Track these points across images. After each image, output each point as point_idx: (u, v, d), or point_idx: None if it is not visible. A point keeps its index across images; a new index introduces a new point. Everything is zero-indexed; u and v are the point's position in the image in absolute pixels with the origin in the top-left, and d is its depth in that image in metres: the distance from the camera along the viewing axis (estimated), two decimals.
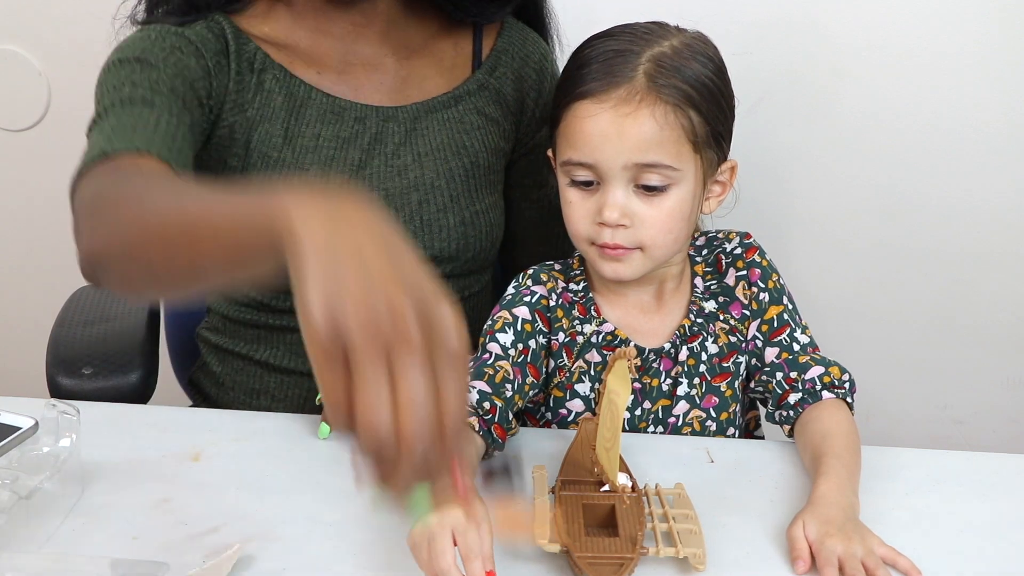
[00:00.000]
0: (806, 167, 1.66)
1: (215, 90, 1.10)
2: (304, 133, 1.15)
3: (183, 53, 1.08)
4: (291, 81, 1.15)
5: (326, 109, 1.16)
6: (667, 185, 0.99)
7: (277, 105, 1.14)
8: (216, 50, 1.11)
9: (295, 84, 1.15)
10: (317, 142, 1.15)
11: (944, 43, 1.57)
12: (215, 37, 1.12)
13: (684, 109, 0.97)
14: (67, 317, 1.37)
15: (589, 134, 0.98)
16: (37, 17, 1.80)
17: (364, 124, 1.17)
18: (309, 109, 1.15)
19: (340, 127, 1.16)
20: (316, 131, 1.15)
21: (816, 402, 1.04)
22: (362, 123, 1.17)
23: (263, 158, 1.13)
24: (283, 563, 0.86)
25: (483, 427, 0.99)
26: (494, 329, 1.06)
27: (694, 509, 0.90)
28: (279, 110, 1.14)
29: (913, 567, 0.85)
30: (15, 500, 0.86)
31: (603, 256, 1.02)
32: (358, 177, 1.16)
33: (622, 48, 0.99)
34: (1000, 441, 1.79)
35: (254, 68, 1.13)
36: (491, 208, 1.22)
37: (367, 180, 1.16)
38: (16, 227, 1.95)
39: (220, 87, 1.11)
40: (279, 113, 1.14)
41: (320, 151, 1.15)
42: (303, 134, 1.15)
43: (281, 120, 1.14)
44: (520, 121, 1.25)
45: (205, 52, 1.10)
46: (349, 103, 1.17)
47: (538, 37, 1.27)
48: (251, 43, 1.14)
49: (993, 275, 1.70)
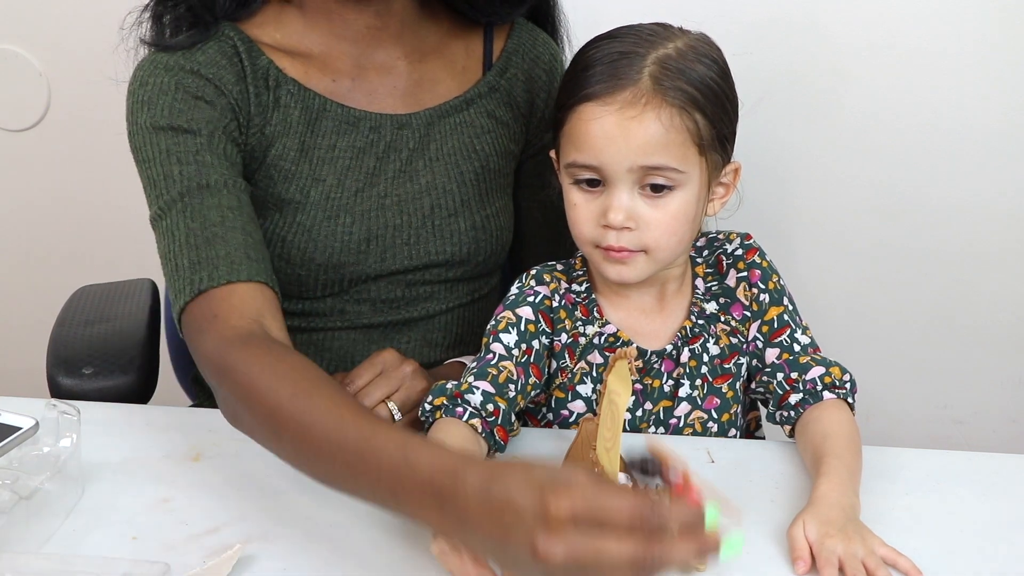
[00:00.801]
0: (806, 167, 1.66)
1: (242, 121, 1.11)
2: (320, 145, 1.14)
3: (207, 102, 1.08)
4: (306, 94, 1.14)
5: (341, 120, 1.15)
6: (672, 187, 0.99)
7: (294, 119, 1.13)
8: (234, 76, 1.10)
9: (310, 97, 1.14)
10: (333, 153, 1.15)
11: (944, 43, 1.57)
12: (228, 60, 1.11)
13: (689, 111, 0.97)
14: (67, 317, 1.37)
15: (594, 136, 0.98)
16: (37, 17, 1.80)
17: (379, 133, 1.16)
18: (325, 121, 1.14)
19: (355, 137, 1.15)
20: (332, 142, 1.15)
21: (817, 402, 1.04)
22: (377, 132, 1.16)
23: (280, 172, 1.13)
24: (283, 563, 0.86)
25: (486, 429, 0.99)
26: (497, 329, 1.06)
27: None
28: (296, 124, 1.13)
29: (914, 567, 0.85)
30: (15, 500, 0.86)
31: (607, 259, 1.02)
32: (372, 184, 1.15)
33: (626, 50, 0.99)
34: (1000, 441, 1.79)
35: (269, 85, 1.12)
36: (501, 211, 1.22)
37: (381, 186, 1.16)
38: (16, 227, 1.95)
39: (245, 115, 1.11)
40: (296, 127, 1.13)
41: (336, 161, 1.14)
42: (319, 146, 1.14)
43: (298, 134, 1.13)
44: (530, 123, 1.25)
45: (224, 86, 1.09)
46: (364, 113, 1.16)
47: (548, 38, 1.27)
48: (263, 57, 1.13)
49: (993, 275, 1.70)
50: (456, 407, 0.99)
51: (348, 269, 1.15)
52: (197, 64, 1.09)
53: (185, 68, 1.09)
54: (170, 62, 1.09)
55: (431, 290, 1.20)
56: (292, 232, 1.13)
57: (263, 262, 1.03)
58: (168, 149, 1.06)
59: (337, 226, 1.13)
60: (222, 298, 0.99)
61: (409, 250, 1.16)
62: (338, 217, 1.13)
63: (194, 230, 1.02)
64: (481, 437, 0.98)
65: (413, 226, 1.16)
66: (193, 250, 1.02)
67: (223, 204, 1.04)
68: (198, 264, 1.01)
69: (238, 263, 1.01)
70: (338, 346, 1.19)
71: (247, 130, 1.11)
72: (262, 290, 1.01)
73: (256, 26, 1.15)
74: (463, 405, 0.99)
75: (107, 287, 1.49)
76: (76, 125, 1.84)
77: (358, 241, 1.14)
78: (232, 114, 1.10)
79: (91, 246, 1.93)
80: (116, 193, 1.75)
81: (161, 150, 1.06)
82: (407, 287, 1.18)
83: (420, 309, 1.20)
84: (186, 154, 1.06)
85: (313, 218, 1.13)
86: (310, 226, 1.13)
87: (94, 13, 1.76)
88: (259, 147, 1.12)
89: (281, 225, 1.13)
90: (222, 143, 1.08)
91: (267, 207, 1.13)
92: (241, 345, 0.94)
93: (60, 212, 1.92)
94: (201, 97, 1.08)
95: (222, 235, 1.02)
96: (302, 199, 1.13)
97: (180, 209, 1.04)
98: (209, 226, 1.03)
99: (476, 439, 0.98)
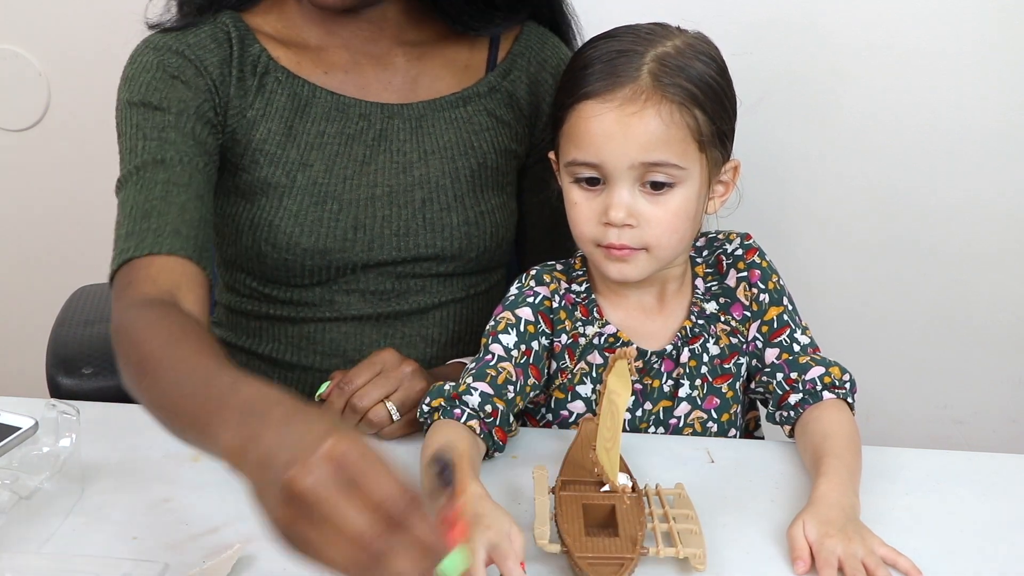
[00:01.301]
0: (806, 167, 1.66)
1: (219, 103, 1.13)
2: (309, 131, 1.15)
3: (182, 82, 1.11)
4: (295, 82, 1.16)
5: (331, 107, 1.16)
6: (673, 184, 0.99)
7: (280, 105, 1.15)
8: (218, 59, 1.13)
9: (299, 84, 1.16)
10: (322, 139, 1.16)
11: (944, 43, 1.57)
12: (217, 44, 1.13)
13: (689, 108, 0.97)
14: (67, 317, 1.37)
15: (594, 134, 0.98)
16: (37, 17, 1.80)
17: (369, 121, 1.17)
18: (313, 107, 1.16)
19: (345, 124, 1.17)
20: (321, 128, 1.16)
21: (817, 402, 1.04)
22: (367, 120, 1.17)
23: (266, 156, 1.14)
24: (283, 563, 0.86)
25: (484, 430, 0.99)
26: (497, 330, 1.06)
27: (694, 509, 0.90)
28: (281, 109, 1.15)
29: (914, 567, 0.85)
30: (15, 500, 0.86)
31: (609, 257, 1.02)
32: (362, 173, 1.16)
33: (625, 48, 0.99)
34: (1000, 441, 1.79)
35: (256, 71, 1.15)
36: (497, 209, 1.22)
37: (371, 176, 1.16)
38: (16, 227, 1.95)
39: (223, 97, 1.13)
40: (281, 112, 1.15)
41: (325, 148, 1.15)
42: (307, 131, 1.15)
43: (284, 119, 1.15)
44: (535, 125, 1.25)
45: (205, 67, 1.12)
46: (354, 100, 1.17)
47: (559, 42, 1.27)
48: (256, 44, 1.15)
49: (993, 275, 1.70)
50: (454, 409, 0.99)
51: (335, 256, 1.15)
52: (185, 45, 1.13)
53: (172, 48, 1.12)
54: (160, 42, 1.13)
55: (422, 284, 1.20)
56: (279, 216, 1.14)
57: (193, 239, 1.05)
58: (138, 124, 1.10)
59: (324, 212, 1.14)
60: (140, 267, 1.02)
61: (398, 241, 1.17)
62: (325, 203, 1.14)
63: (138, 202, 1.06)
64: (479, 438, 0.99)
65: (403, 218, 1.17)
66: (132, 222, 1.05)
67: (171, 180, 1.07)
68: (131, 235, 1.04)
69: (164, 236, 1.03)
70: (329, 339, 1.19)
71: (225, 112, 1.14)
72: (183, 264, 1.03)
73: (259, 15, 1.18)
74: (461, 406, 0.99)
75: (106, 287, 1.48)
76: (76, 125, 1.84)
77: (344, 228, 1.15)
78: (208, 95, 1.12)
79: (91, 246, 1.92)
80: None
81: (132, 124, 1.10)
82: (397, 279, 1.19)
83: (411, 302, 1.20)
84: (152, 130, 1.09)
85: (300, 203, 1.14)
86: (296, 211, 1.14)
87: (94, 13, 1.76)
88: (241, 130, 1.14)
89: (268, 209, 1.14)
90: (191, 123, 1.10)
91: (254, 191, 1.15)
92: (139, 307, 0.97)
93: (60, 212, 1.92)
94: (178, 77, 1.11)
95: (159, 208, 1.05)
96: (288, 183, 1.14)
97: (134, 182, 1.07)
98: (151, 199, 1.05)
99: (474, 440, 0.98)
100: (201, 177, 1.09)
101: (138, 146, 1.09)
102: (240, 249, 1.18)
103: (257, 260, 1.17)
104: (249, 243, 1.16)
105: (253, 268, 1.18)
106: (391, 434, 1.05)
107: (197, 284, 1.04)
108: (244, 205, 1.16)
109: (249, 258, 1.17)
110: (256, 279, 1.20)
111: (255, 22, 1.17)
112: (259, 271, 1.18)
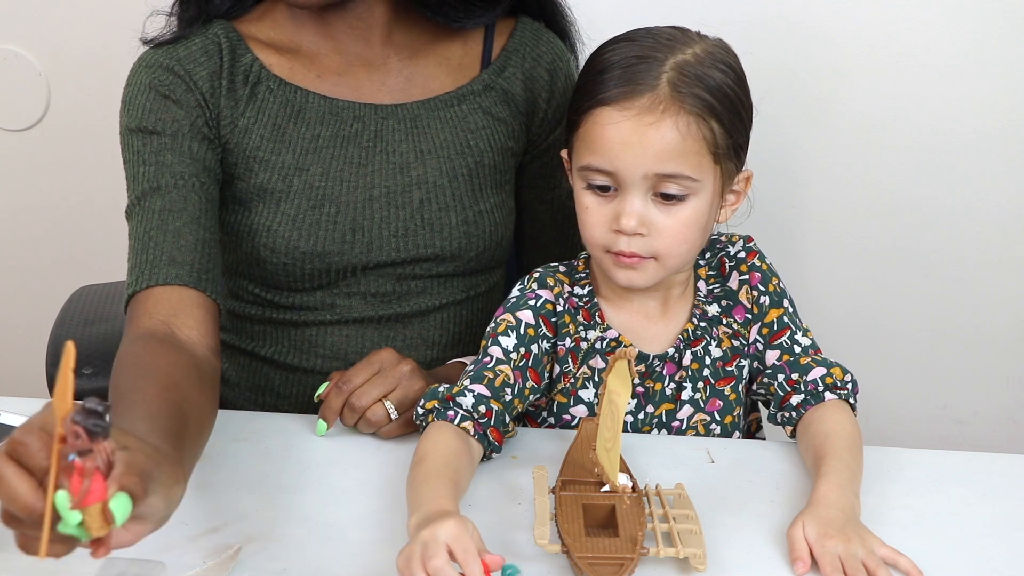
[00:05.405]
0: (806, 167, 1.66)
1: (211, 115, 1.14)
2: (303, 135, 1.15)
3: (174, 101, 1.12)
4: (287, 89, 1.16)
5: (324, 111, 1.16)
6: (686, 195, 0.99)
7: (271, 112, 1.15)
8: (208, 71, 1.13)
9: (291, 91, 1.16)
10: (317, 143, 1.16)
11: (944, 43, 1.56)
12: (207, 56, 1.14)
13: (706, 120, 0.97)
14: (67, 317, 1.37)
15: (610, 141, 0.97)
16: (37, 17, 1.80)
17: (364, 122, 1.17)
18: (306, 112, 1.16)
19: (339, 126, 1.16)
20: (315, 132, 1.16)
21: (818, 403, 1.04)
22: (361, 122, 1.17)
23: (260, 162, 1.14)
24: (283, 563, 0.86)
25: (478, 431, 0.99)
26: (496, 332, 1.05)
27: (695, 509, 0.90)
28: (274, 116, 1.15)
29: (914, 567, 0.85)
30: None
31: (618, 264, 1.01)
32: (359, 175, 1.16)
33: (644, 54, 0.98)
34: (1000, 441, 1.79)
35: (248, 81, 1.15)
36: (496, 208, 1.22)
37: (368, 177, 1.16)
38: (16, 227, 1.95)
39: (214, 109, 1.14)
40: (274, 119, 1.15)
41: (320, 151, 1.15)
42: (302, 136, 1.15)
43: (276, 125, 1.15)
44: (531, 122, 1.24)
45: (195, 81, 1.13)
46: (348, 103, 1.17)
47: (554, 37, 1.26)
48: (248, 53, 1.15)
49: (993, 275, 1.69)
50: (448, 410, 0.99)
51: (334, 259, 1.15)
52: (175, 60, 1.13)
53: (163, 65, 1.13)
54: (152, 59, 1.14)
55: (423, 285, 1.20)
56: (276, 221, 1.14)
57: (189, 264, 1.07)
58: (138, 151, 1.12)
59: (321, 215, 1.14)
60: (141, 301, 1.05)
61: (397, 242, 1.17)
62: (322, 206, 1.14)
63: (139, 235, 1.09)
64: (473, 439, 0.98)
65: (401, 219, 1.17)
66: (135, 255, 1.08)
67: (167, 207, 1.09)
68: (133, 269, 1.08)
69: (160, 267, 1.06)
70: (332, 342, 1.19)
71: (218, 123, 1.14)
72: (180, 292, 1.05)
73: (251, 22, 1.18)
74: (455, 408, 0.99)
75: (106, 287, 1.49)
76: (76, 125, 1.84)
77: (343, 231, 1.15)
78: (200, 110, 1.13)
79: (91, 246, 1.92)
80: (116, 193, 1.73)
81: (133, 151, 1.12)
82: (397, 281, 1.19)
83: (413, 304, 1.20)
84: (150, 155, 1.11)
85: (297, 207, 1.14)
86: (294, 215, 1.14)
87: (94, 13, 1.76)
88: (234, 139, 1.14)
89: (265, 215, 1.14)
90: (187, 141, 1.11)
91: (251, 198, 1.15)
92: (129, 343, 1.01)
93: (60, 212, 1.92)
94: (169, 96, 1.12)
95: (156, 239, 1.08)
96: (285, 188, 1.14)
97: (136, 212, 1.10)
98: (149, 231, 1.08)
99: (467, 442, 0.98)
100: (198, 197, 1.10)
101: (139, 173, 1.11)
102: (240, 256, 1.18)
103: (257, 266, 1.17)
104: (249, 249, 1.16)
105: (254, 274, 1.18)
106: (390, 433, 1.05)
107: (196, 307, 1.06)
108: (242, 212, 1.16)
109: (250, 264, 1.18)
110: (258, 285, 1.20)
111: (247, 30, 1.17)
112: (260, 277, 1.18)
